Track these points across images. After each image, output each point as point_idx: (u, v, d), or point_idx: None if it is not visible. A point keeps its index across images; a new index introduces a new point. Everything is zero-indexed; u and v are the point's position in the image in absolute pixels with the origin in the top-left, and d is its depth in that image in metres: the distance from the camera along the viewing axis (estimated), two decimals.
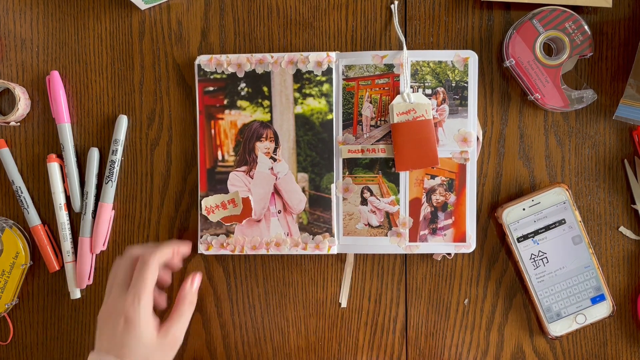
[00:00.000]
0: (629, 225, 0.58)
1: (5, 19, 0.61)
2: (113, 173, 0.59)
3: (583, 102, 0.56)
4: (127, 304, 0.51)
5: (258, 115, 0.58)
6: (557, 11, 0.56)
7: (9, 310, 0.60)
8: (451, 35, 0.59)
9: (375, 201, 0.58)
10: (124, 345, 0.50)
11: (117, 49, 0.60)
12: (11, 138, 0.61)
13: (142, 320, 0.50)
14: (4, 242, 0.59)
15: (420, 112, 0.56)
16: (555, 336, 0.57)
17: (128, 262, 0.53)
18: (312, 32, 0.59)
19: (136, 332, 0.50)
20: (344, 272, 0.59)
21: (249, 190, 0.58)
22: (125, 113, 0.60)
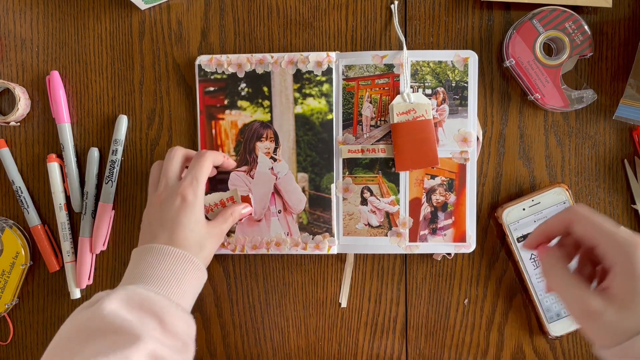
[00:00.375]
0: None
1: (5, 19, 0.61)
2: (113, 173, 0.59)
3: (583, 102, 0.56)
4: (185, 185, 0.51)
5: (258, 116, 0.58)
6: (557, 11, 0.56)
7: (9, 310, 0.60)
8: (451, 35, 0.59)
9: (375, 201, 0.58)
10: (179, 223, 0.50)
11: (117, 49, 0.60)
12: (11, 138, 0.61)
13: (198, 201, 0.51)
14: (4, 242, 0.59)
15: (420, 112, 0.56)
16: (555, 336, 0.57)
17: (179, 157, 0.53)
18: (312, 32, 0.59)
19: (193, 210, 0.50)
20: (344, 272, 0.59)
21: (250, 190, 0.58)
22: (125, 113, 0.60)
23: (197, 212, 0.51)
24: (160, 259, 0.48)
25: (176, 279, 0.47)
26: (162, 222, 0.50)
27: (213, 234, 0.52)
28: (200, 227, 0.51)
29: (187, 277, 0.48)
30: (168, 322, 0.44)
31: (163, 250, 0.48)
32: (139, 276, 0.47)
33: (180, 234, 0.49)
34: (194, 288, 0.49)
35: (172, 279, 0.47)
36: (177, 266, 0.48)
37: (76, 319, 0.44)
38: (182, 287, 0.47)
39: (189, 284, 0.48)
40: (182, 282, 0.47)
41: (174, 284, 0.47)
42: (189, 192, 0.51)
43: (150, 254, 0.48)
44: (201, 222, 0.51)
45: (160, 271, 0.47)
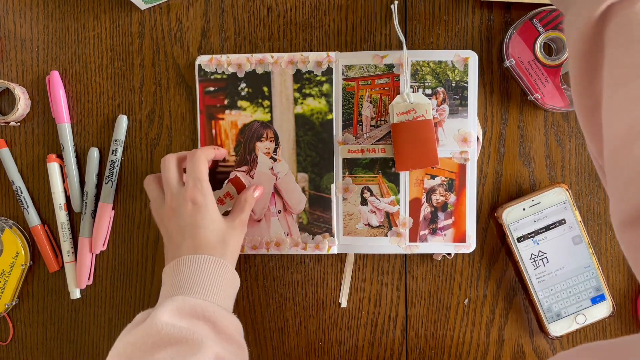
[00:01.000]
0: None
1: (5, 19, 0.61)
2: (113, 173, 0.59)
3: None
4: (190, 189, 0.51)
5: (258, 115, 0.58)
6: (557, 11, 0.56)
7: (9, 310, 0.60)
8: (451, 35, 0.59)
9: (375, 201, 0.58)
10: (197, 226, 0.50)
11: (117, 49, 0.60)
12: (11, 138, 0.61)
13: (209, 201, 0.51)
14: (4, 242, 0.59)
15: (420, 112, 0.56)
16: (555, 336, 0.57)
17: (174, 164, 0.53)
18: (312, 32, 0.59)
19: (207, 211, 0.50)
20: (344, 272, 0.59)
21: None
22: (125, 113, 0.60)
23: (211, 211, 0.51)
24: (192, 268, 0.48)
25: (212, 284, 0.47)
26: (181, 230, 0.50)
27: (234, 226, 0.52)
28: (218, 224, 0.51)
29: (222, 280, 0.48)
30: (221, 326, 0.45)
31: (192, 260, 0.48)
32: (177, 289, 0.47)
33: (202, 238, 0.49)
34: (230, 290, 0.50)
35: (209, 284, 0.47)
36: (209, 272, 0.48)
37: (128, 339, 0.43)
38: (220, 291, 0.48)
39: (225, 287, 0.49)
40: (218, 286, 0.48)
41: (212, 289, 0.47)
42: (197, 195, 0.51)
43: (180, 267, 0.48)
44: (217, 219, 0.51)
45: (196, 280, 0.47)
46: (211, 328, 0.44)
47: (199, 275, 0.47)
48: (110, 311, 0.61)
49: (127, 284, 0.60)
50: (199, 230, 0.50)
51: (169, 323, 0.43)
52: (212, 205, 0.51)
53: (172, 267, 0.49)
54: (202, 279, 0.47)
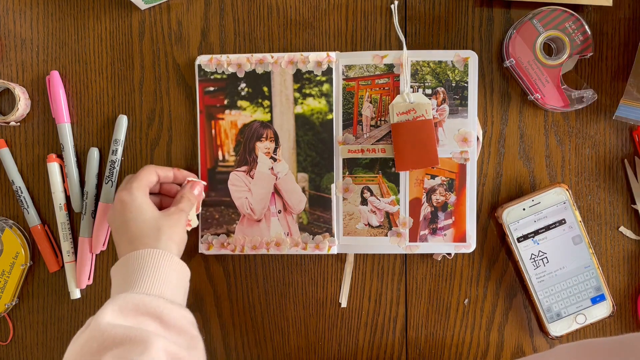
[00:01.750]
0: (629, 225, 0.58)
1: (5, 19, 0.61)
2: (113, 173, 0.59)
3: (583, 102, 0.56)
4: (118, 191, 0.52)
5: (258, 115, 0.58)
6: (557, 11, 0.56)
7: (9, 310, 0.60)
8: (451, 35, 0.59)
9: (375, 201, 0.58)
10: (126, 220, 0.50)
11: (117, 49, 0.60)
12: (11, 138, 0.61)
13: (135, 198, 0.50)
14: (4, 242, 0.59)
15: (420, 112, 0.56)
16: (556, 336, 0.57)
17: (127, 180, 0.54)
18: (312, 32, 0.59)
19: (133, 205, 0.50)
20: (344, 272, 0.59)
21: (249, 190, 0.58)
22: (125, 113, 0.60)
23: (139, 205, 0.50)
24: (131, 265, 0.47)
25: (154, 277, 0.46)
26: (117, 230, 0.51)
27: (168, 213, 0.51)
28: (147, 214, 0.50)
29: (164, 271, 0.47)
30: (167, 319, 0.44)
31: (129, 258, 0.48)
32: (121, 287, 0.47)
33: (134, 229, 0.49)
34: (176, 281, 0.48)
35: (150, 277, 0.46)
36: (148, 264, 0.47)
37: (76, 345, 0.42)
38: (164, 283, 0.47)
39: (169, 278, 0.47)
40: (161, 278, 0.47)
41: (155, 282, 0.46)
42: (124, 193, 0.51)
43: (120, 265, 0.48)
44: (147, 209, 0.50)
45: (137, 275, 0.46)
46: (158, 323, 0.43)
47: (139, 270, 0.46)
48: None
49: None
50: (129, 224, 0.49)
51: (112, 323, 0.42)
52: (140, 200, 0.50)
53: (115, 268, 0.49)
54: (142, 273, 0.46)
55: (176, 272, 0.49)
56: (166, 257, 0.48)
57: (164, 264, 0.47)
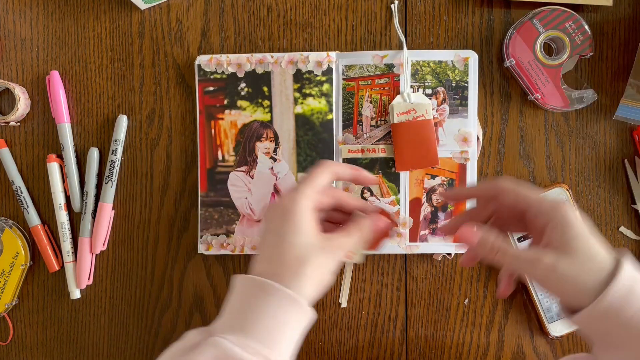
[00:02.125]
0: (629, 225, 0.58)
1: (5, 19, 0.61)
2: (113, 173, 0.59)
3: (583, 102, 0.56)
4: (286, 195, 0.44)
5: (258, 115, 0.58)
6: (557, 11, 0.56)
7: (8, 310, 0.60)
8: (451, 35, 0.59)
9: (375, 201, 0.58)
10: (277, 234, 0.42)
11: (117, 49, 0.60)
12: (11, 138, 0.61)
13: (299, 209, 0.42)
14: (4, 242, 0.59)
15: (421, 112, 0.56)
16: (555, 336, 0.57)
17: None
18: (312, 32, 0.59)
19: (292, 220, 0.42)
20: (344, 272, 0.59)
21: (249, 191, 0.58)
22: (125, 113, 0.60)
23: (298, 222, 0.42)
24: (254, 296, 0.40)
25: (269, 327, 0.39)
26: (265, 235, 0.44)
27: (325, 247, 0.42)
28: (302, 238, 0.41)
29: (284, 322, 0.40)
30: None
31: (256, 286, 0.41)
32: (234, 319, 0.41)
33: (278, 249, 0.41)
34: (292, 334, 0.40)
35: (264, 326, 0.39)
36: (269, 309, 0.39)
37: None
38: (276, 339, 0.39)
39: (287, 332, 0.40)
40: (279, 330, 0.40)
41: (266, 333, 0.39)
42: (287, 200, 0.43)
43: (245, 288, 0.41)
44: (304, 232, 0.42)
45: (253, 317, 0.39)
46: None
47: (258, 311, 0.40)
48: (110, 311, 0.61)
49: (127, 284, 0.60)
50: (277, 239, 0.42)
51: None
52: (302, 215, 0.42)
53: (242, 282, 0.42)
54: (259, 318, 0.39)
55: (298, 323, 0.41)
56: (293, 306, 0.40)
57: (287, 315, 0.40)
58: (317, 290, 0.42)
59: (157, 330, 0.60)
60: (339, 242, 0.43)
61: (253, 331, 0.39)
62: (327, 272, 0.42)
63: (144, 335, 0.60)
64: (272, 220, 0.44)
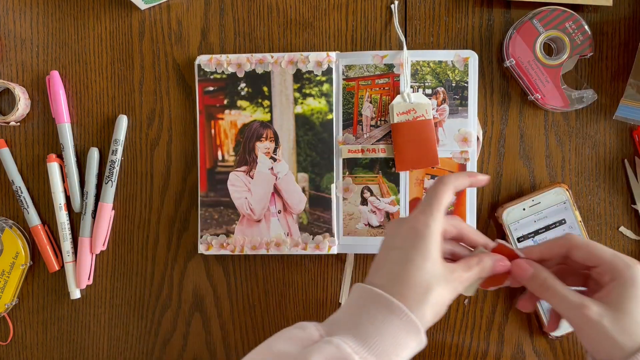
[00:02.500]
0: (629, 225, 0.58)
1: (5, 19, 0.61)
2: (113, 173, 0.59)
3: (583, 102, 0.56)
4: (416, 214, 0.43)
5: (258, 115, 0.58)
6: (557, 11, 0.56)
7: (9, 310, 0.60)
8: (451, 35, 0.59)
9: (375, 201, 0.58)
10: (404, 256, 0.41)
11: (117, 49, 0.60)
12: (11, 138, 0.61)
13: (430, 234, 0.41)
14: (4, 242, 0.59)
15: (421, 112, 0.56)
16: (555, 336, 0.57)
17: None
18: (312, 32, 0.59)
19: (422, 244, 0.41)
20: (344, 272, 0.59)
21: (249, 191, 0.58)
22: (125, 113, 0.60)
23: (428, 247, 0.41)
24: (374, 312, 0.40)
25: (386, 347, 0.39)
26: (388, 250, 0.43)
27: (448, 278, 0.41)
28: (430, 265, 0.41)
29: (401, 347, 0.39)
30: None
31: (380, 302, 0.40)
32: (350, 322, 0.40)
33: (404, 269, 0.41)
34: (404, 356, 0.40)
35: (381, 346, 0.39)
36: (388, 330, 0.39)
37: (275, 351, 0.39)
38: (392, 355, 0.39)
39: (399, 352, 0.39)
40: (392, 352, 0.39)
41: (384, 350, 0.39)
42: (419, 221, 0.42)
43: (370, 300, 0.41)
44: (433, 259, 0.41)
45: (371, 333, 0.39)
46: None
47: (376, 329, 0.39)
48: (110, 311, 0.61)
49: (127, 284, 0.60)
50: (404, 261, 0.41)
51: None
52: (432, 240, 0.41)
53: (369, 294, 0.41)
54: (378, 337, 0.39)
55: (412, 350, 0.40)
56: (413, 333, 0.40)
57: (406, 340, 0.39)
58: (433, 320, 0.41)
59: (157, 330, 0.60)
60: (460, 275, 0.42)
61: (372, 345, 0.39)
62: (445, 303, 0.42)
63: (144, 335, 0.60)
64: (398, 237, 0.43)
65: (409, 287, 0.40)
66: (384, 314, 0.39)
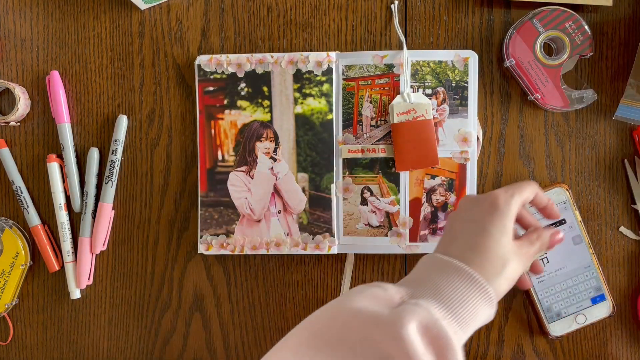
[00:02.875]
0: (629, 225, 0.58)
1: (5, 19, 0.61)
2: (113, 173, 0.59)
3: (583, 102, 0.56)
4: (498, 192, 0.45)
5: (258, 115, 0.58)
6: (557, 11, 0.56)
7: (9, 310, 0.60)
8: (451, 35, 0.59)
9: (375, 201, 0.58)
10: (483, 229, 0.44)
11: (117, 49, 0.60)
12: (11, 138, 0.61)
13: (509, 211, 0.44)
14: (4, 242, 0.59)
15: (420, 112, 0.56)
16: (556, 336, 0.57)
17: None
18: (312, 32, 0.59)
19: (501, 220, 0.44)
20: (344, 272, 0.59)
21: (249, 191, 0.58)
22: (125, 113, 0.60)
23: (506, 223, 0.44)
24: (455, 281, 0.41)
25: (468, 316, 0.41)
26: (464, 223, 0.45)
27: (520, 253, 0.44)
28: (506, 240, 0.44)
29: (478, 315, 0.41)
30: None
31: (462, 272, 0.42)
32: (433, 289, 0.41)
33: (482, 241, 0.43)
34: (477, 326, 0.42)
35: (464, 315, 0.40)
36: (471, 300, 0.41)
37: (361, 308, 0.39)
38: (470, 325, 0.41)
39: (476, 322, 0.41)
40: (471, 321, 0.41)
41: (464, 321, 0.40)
42: (501, 198, 0.45)
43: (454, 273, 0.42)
44: (508, 235, 0.44)
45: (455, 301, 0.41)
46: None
47: (460, 297, 0.41)
48: (110, 311, 0.61)
49: (127, 284, 0.60)
50: (482, 233, 0.44)
51: (414, 343, 0.37)
52: (510, 218, 0.44)
53: (440, 263, 0.43)
54: (462, 306, 0.40)
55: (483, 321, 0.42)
56: (490, 306, 0.42)
57: (483, 310, 0.41)
58: (505, 292, 0.44)
59: (157, 330, 0.60)
60: (527, 250, 0.45)
61: (455, 313, 0.40)
62: (516, 277, 0.44)
63: (144, 335, 0.60)
64: (477, 211, 0.45)
65: (487, 259, 0.43)
66: (465, 285, 0.41)
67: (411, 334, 0.37)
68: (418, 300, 0.40)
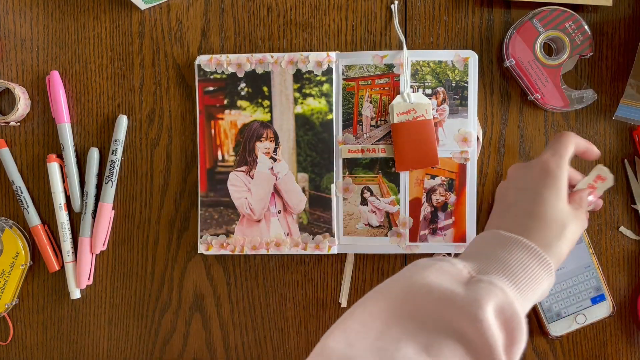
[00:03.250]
0: (629, 225, 0.58)
1: (5, 19, 0.61)
2: (113, 173, 0.59)
3: (583, 102, 0.56)
4: (546, 156, 0.45)
5: (258, 115, 0.58)
6: (557, 11, 0.56)
7: (9, 310, 0.60)
8: (451, 35, 0.59)
9: (375, 201, 0.58)
10: (538, 194, 0.44)
11: (117, 49, 0.60)
12: (11, 138, 0.61)
13: (561, 174, 0.44)
14: (4, 242, 0.59)
15: (420, 112, 0.56)
16: (555, 336, 0.57)
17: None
18: (312, 32, 0.59)
19: (554, 183, 0.44)
20: (344, 272, 0.59)
21: (249, 191, 0.58)
22: (125, 113, 0.60)
23: (560, 186, 0.44)
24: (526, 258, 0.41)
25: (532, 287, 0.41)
26: (518, 191, 0.45)
27: (576, 215, 0.45)
28: (562, 203, 0.44)
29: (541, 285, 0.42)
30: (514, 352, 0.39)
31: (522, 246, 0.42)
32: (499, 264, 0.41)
33: (539, 208, 0.43)
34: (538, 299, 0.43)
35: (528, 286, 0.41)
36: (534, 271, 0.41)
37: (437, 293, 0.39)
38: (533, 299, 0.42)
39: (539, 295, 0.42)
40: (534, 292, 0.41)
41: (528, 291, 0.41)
42: (551, 162, 0.45)
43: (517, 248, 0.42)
44: (563, 198, 0.44)
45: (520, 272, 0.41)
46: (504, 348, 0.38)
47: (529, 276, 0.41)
48: (110, 311, 0.61)
49: (127, 284, 0.60)
50: (537, 198, 0.44)
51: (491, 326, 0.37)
52: (563, 181, 0.44)
53: (500, 237, 0.43)
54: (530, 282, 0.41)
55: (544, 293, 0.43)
56: (549, 275, 0.42)
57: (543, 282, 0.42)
58: (567, 255, 0.44)
59: (157, 330, 0.60)
60: (580, 212, 0.46)
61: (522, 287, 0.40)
62: (577, 238, 0.45)
63: (144, 335, 0.61)
64: (528, 179, 0.45)
65: (547, 225, 0.43)
66: (529, 259, 0.41)
67: (489, 317, 0.37)
68: (491, 279, 0.40)
